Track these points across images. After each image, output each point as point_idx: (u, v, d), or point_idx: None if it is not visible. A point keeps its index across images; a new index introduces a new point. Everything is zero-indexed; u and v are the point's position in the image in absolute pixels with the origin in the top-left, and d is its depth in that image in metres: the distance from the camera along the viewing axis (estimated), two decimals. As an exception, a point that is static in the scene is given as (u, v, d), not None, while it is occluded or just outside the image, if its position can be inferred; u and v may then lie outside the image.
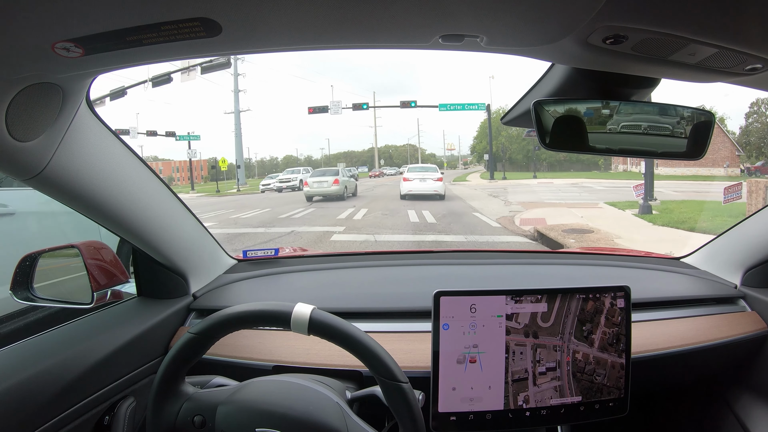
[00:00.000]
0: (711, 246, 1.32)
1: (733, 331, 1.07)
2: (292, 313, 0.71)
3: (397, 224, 9.13)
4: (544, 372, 0.88)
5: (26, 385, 0.72)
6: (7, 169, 0.68)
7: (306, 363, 0.93)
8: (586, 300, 0.89)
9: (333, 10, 0.49)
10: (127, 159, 0.86)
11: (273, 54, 0.65)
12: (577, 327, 0.89)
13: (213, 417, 0.73)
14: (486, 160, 41.04)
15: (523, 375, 0.87)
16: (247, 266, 1.33)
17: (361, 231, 8.40)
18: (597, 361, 0.89)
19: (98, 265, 1.03)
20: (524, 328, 0.87)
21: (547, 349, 0.88)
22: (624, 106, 0.72)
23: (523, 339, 0.87)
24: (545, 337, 0.88)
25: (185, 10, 0.46)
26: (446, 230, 8.40)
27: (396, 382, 0.70)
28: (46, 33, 0.49)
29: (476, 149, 55.57)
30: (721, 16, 0.50)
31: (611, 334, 0.90)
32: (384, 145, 77.56)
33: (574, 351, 0.89)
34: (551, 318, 0.88)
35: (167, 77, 19.17)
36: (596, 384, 0.89)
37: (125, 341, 0.90)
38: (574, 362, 0.89)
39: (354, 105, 23.88)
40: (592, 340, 0.89)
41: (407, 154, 68.22)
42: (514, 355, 0.87)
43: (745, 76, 0.63)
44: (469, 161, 66.64)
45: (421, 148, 69.55)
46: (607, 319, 0.90)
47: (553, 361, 0.88)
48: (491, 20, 0.51)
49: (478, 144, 53.49)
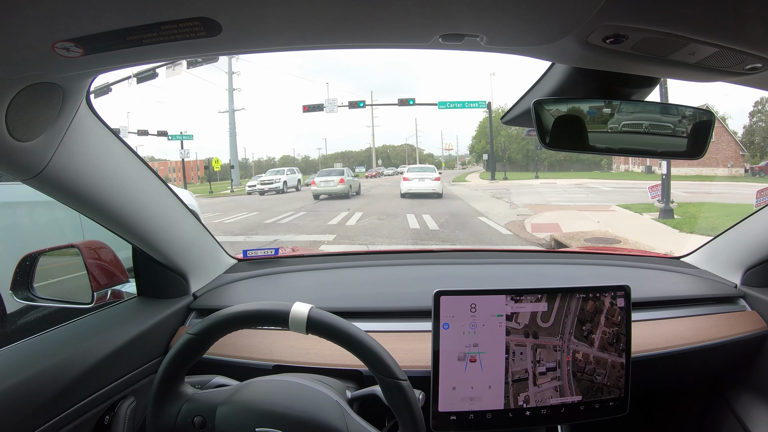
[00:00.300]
0: (711, 245, 1.32)
1: (733, 330, 1.07)
2: (290, 312, 0.71)
3: (395, 232, 8.47)
4: (544, 372, 0.88)
5: (27, 385, 0.72)
6: (7, 169, 0.68)
7: (306, 363, 0.93)
8: (586, 299, 0.89)
9: (333, 10, 0.49)
10: (127, 159, 0.86)
11: (271, 53, 0.65)
12: (577, 327, 0.89)
13: (213, 417, 0.73)
14: (485, 159, 39.97)
15: (523, 375, 0.87)
16: (247, 266, 1.33)
17: (353, 240, 7.81)
18: (597, 360, 0.89)
19: (98, 264, 1.03)
20: (524, 329, 0.87)
21: (547, 349, 0.88)
22: (624, 106, 0.72)
23: (523, 339, 0.87)
24: (545, 338, 0.88)
25: (185, 9, 0.46)
26: (451, 238, 7.86)
27: (395, 379, 0.70)
28: (46, 33, 0.49)
29: (475, 149, 53.26)
30: (721, 16, 0.50)
31: (611, 333, 0.90)
32: (382, 145, 75.93)
33: (574, 351, 0.89)
34: (551, 318, 0.88)
35: (152, 72, 18.11)
36: (596, 384, 0.89)
37: (125, 341, 0.91)
38: (575, 362, 0.89)
39: (350, 103, 23.07)
40: (592, 339, 0.89)
41: (405, 154, 66.70)
42: (514, 356, 0.87)
43: (745, 75, 0.63)
44: (467, 161, 65.06)
45: (419, 148, 68.06)
46: (607, 319, 0.90)
47: (553, 361, 0.88)
48: (491, 20, 0.51)
49: (477, 143, 51.53)
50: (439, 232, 8.38)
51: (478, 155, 51.27)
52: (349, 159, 67.27)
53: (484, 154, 41.07)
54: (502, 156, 41.43)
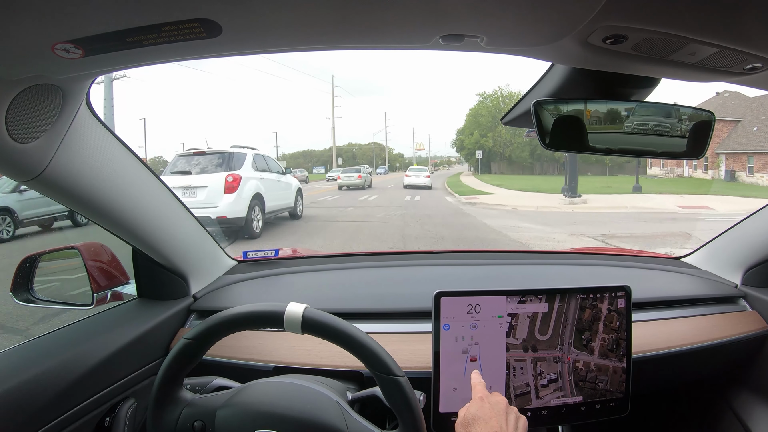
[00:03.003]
0: (711, 245, 1.32)
1: (733, 330, 1.07)
2: (284, 312, 0.71)
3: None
4: (546, 384, 0.88)
5: (27, 387, 0.72)
6: (7, 171, 0.68)
7: (306, 364, 0.93)
8: (585, 300, 0.89)
9: (333, 11, 0.49)
10: (127, 160, 0.86)
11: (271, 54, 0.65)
12: (575, 336, 0.89)
13: (213, 421, 0.73)
14: (479, 158, 34.13)
15: (525, 389, 0.87)
16: (247, 267, 1.33)
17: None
18: (598, 368, 0.89)
19: (98, 266, 1.03)
20: (522, 344, 0.87)
21: (547, 362, 0.88)
22: (624, 106, 0.72)
23: (523, 354, 0.87)
24: (544, 350, 0.88)
25: (185, 11, 0.46)
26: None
27: (392, 376, 0.70)
28: (46, 34, 0.49)
29: (465, 144, 40.34)
30: (721, 16, 0.50)
31: (611, 339, 0.90)
32: (347, 144, 67.84)
33: (575, 360, 0.89)
34: (549, 330, 0.88)
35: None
36: (599, 390, 0.90)
37: (126, 342, 0.90)
38: (576, 372, 0.89)
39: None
40: (591, 348, 0.89)
41: (373, 153, 58.68)
42: (515, 371, 0.87)
43: (745, 75, 0.63)
44: (441, 162, 57.45)
45: (388, 147, 60.07)
46: (605, 326, 0.90)
47: (554, 372, 0.88)
48: (491, 20, 0.52)
49: (468, 138, 39.38)
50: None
51: (469, 152, 39.30)
52: (312, 159, 61.37)
53: (478, 151, 34.75)
54: (500, 154, 36.19)
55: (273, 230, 8.08)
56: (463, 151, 42.17)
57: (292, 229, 8.54)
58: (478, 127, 38.71)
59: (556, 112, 0.71)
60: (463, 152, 43.28)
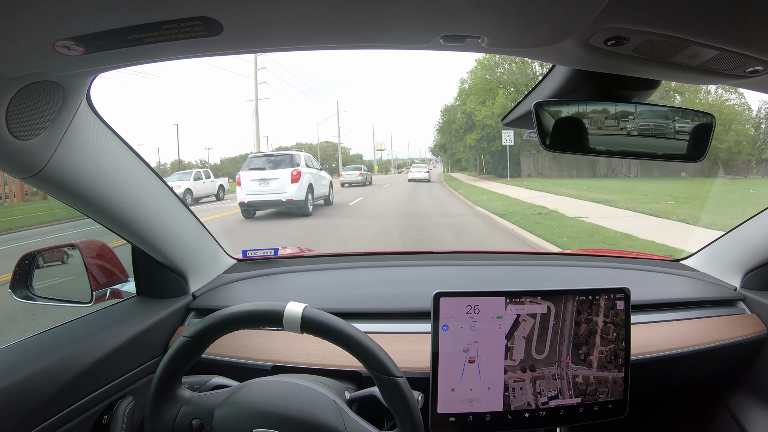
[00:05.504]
0: (711, 248, 1.32)
1: (732, 333, 1.07)
2: (284, 312, 0.71)
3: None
4: (546, 402, 0.88)
5: (25, 384, 0.72)
6: (7, 168, 0.68)
7: (305, 363, 0.93)
8: (584, 303, 0.89)
9: (334, 11, 0.49)
10: (127, 158, 0.86)
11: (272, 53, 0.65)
12: (573, 351, 0.89)
13: (211, 420, 0.73)
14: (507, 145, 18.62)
15: (526, 408, 0.87)
16: (246, 266, 1.33)
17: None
18: (598, 380, 0.89)
19: (98, 264, 1.03)
20: (520, 364, 0.87)
21: (546, 380, 0.88)
22: (625, 108, 0.72)
23: (521, 375, 0.87)
24: (543, 369, 0.88)
25: (186, 8, 0.46)
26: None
27: (390, 376, 0.70)
28: (47, 31, 0.49)
29: (444, 144, 29.67)
30: (723, 19, 0.50)
31: (608, 351, 0.90)
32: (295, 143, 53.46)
33: (574, 375, 0.89)
34: (546, 348, 0.88)
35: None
36: (600, 402, 0.90)
37: (124, 340, 0.90)
38: (576, 386, 0.89)
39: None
40: (590, 361, 0.89)
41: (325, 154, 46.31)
42: (515, 392, 0.87)
43: (746, 78, 0.63)
44: (403, 164, 50.06)
45: (342, 146, 48.73)
46: (602, 338, 0.89)
47: (554, 389, 0.88)
48: (493, 21, 0.52)
49: (446, 138, 28.15)
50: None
51: (450, 154, 29.98)
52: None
53: (505, 132, 18.39)
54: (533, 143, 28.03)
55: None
56: (445, 154, 31.82)
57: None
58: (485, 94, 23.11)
59: (556, 114, 0.71)
60: (446, 155, 32.26)
